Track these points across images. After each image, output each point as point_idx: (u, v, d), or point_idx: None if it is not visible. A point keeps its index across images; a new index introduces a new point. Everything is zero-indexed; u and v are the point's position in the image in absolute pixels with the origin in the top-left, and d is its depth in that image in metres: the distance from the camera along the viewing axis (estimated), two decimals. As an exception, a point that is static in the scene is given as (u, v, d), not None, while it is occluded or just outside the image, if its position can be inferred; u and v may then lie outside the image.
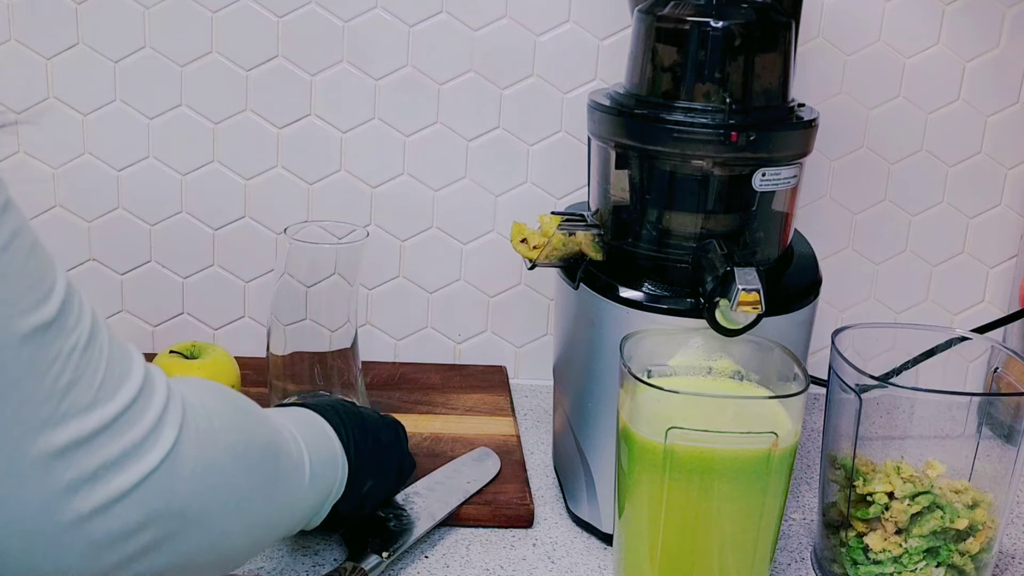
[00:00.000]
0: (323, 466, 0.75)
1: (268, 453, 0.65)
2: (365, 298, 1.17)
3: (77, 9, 1.07)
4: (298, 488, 0.70)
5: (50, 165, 1.11)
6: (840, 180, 1.15)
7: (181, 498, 0.55)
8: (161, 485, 0.54)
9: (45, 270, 0.50)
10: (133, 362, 0.55)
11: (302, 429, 0.74)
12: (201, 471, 0.56)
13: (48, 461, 0.49)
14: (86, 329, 0.52)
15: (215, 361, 1.00)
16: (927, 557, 0.81)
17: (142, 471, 0.53)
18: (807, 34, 1.10)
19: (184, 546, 0.56)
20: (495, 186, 1.14)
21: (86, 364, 0.51)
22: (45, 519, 0.49)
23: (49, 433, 0.49)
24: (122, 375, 0.53)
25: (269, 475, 0.65)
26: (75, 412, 0.50)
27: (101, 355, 0.52)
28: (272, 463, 0.66)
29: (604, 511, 0.88)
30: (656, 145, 0.83)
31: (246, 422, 0.64)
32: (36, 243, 0.51)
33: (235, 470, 0.60)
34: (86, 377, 0.51)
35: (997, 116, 1.14)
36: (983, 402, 0.86)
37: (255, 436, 0.64)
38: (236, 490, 0.60)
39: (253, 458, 0.63)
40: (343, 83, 1.10)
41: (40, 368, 0.49)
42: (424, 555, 0.87)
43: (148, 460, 0.53)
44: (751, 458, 0.75)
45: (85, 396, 0.51)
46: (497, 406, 1.09)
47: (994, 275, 1.19)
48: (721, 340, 0.81)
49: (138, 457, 0.53)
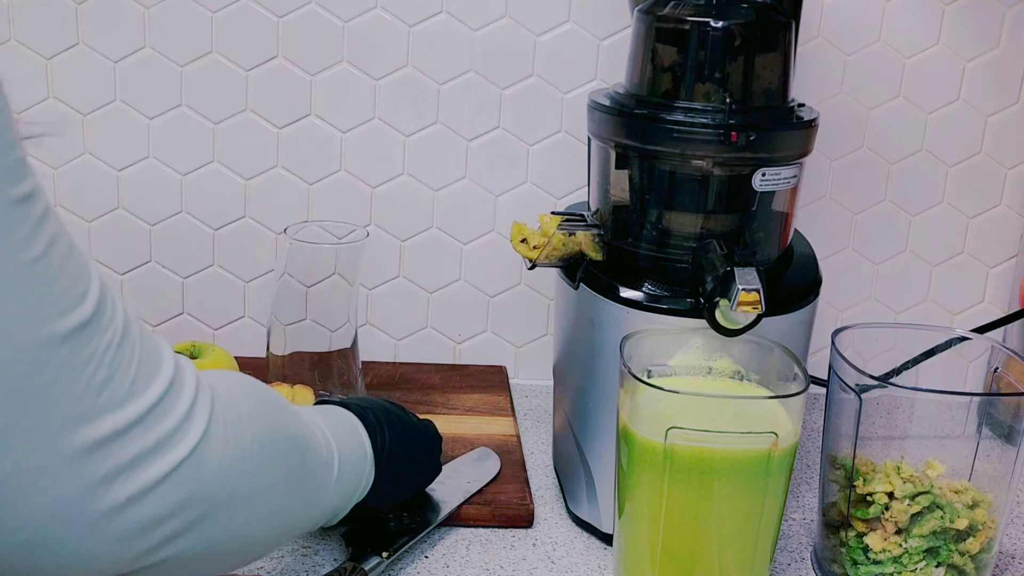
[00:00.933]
0: (351, 467, 0.75)
1: (295, 446, 0.67)
2: (365, 298, 1.17)
3: (77, 9, 1.07)
4: (324, 485, 0.72)
5: (50, 165, 1.11)
6: (840, 180, 1.15)
7: (209, 485, 0.57)
8: (191, 473, 0.55)
9: (81, 271, 0.52)
10: (164, 355, 0.56)
11: (335, 428, 0.75)
12: (229, 459, 0.58)
13: (85, 454, 0.51)
14: (119, 326, 0.53)
15: (215, 361, 1.00)
16: (927, 557, 0.81)
17: (174, 460, 0.54)
18: (807, 34, 1.10)
19: (210, 532, 0.58)
20: (495, 186, 1.14)
21: (120, 360, 0.53)
22: (82, 509, 0.51)
23: (86, 427, 0.50)
24: (154, 369, 0.55)
25: (295, 468, 0.66)
26: (111, 407, 0.52)
27: (134, 350, 0.54)
28: (299, 456, 0.67)
29: (604, 511, 0.88)
30: (656, 145, 0.83)
31: (274, 414, 0.66)
32: (72, 246, 0.52)
33: (261, 459, 0.62)
34: (120, 372, 0.52)
35: (997, 116, 1.14)
36: (983, 402, 0.86)
37: (282, 428, 0.66)
38: (261, 478, 0.62)
39: (280, 449, 0.65)
40: (343, 83, 1.10)
41: (78, 365, 0.50)
42: (424, 555, 0.87)
43: (180, 449, 0.55)
44: (751, 458, 0.75)
45: (120, 391, 0.52)
46: (497, 406, 1.09)
47: (994, 275, 1.19)
48: (721, 340, 0.81)
49: (170, 447, 0.54)
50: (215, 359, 1.00)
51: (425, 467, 0.88)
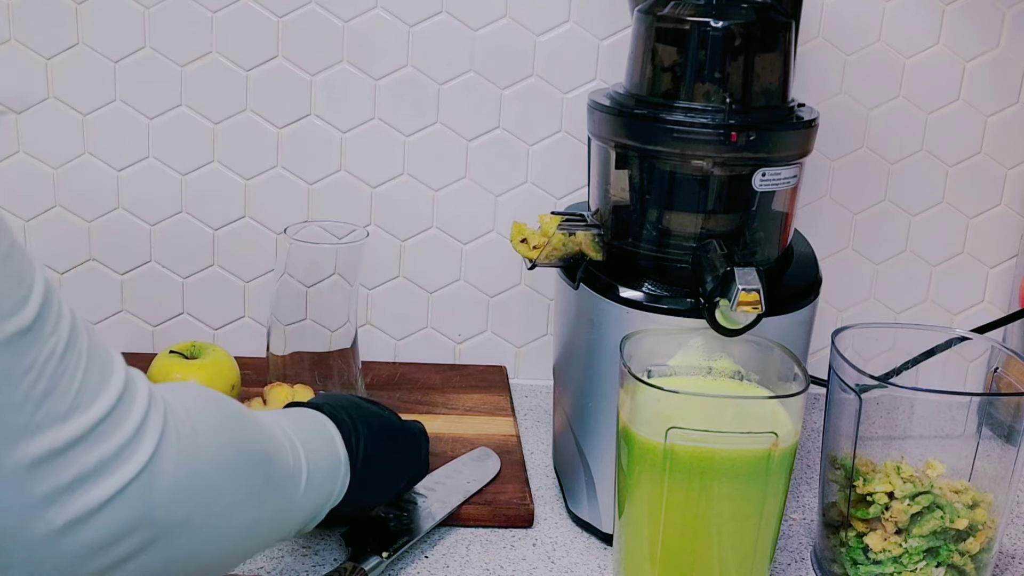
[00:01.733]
0: (322, 473, 0.73)
1: (259, 461, 0.64)
2: (365, 298, 1.17)
3: (77, 9, 1.07)
4: (292, 495, 0.69)
5: (50, 165, 1.11)
6: (840, 180, 1.15)
7: (162, 507, 0.54)
8: (139, 496, 0.52)
9: (23, 274, 0.49)
10: (114, 367, 0.53)
11: (303, 435, 0.72)
12: (183, 480, 0.55)
13: (23, 472, 0.48)
14: (64, 334, 0.50)
15: (215, 361, 1.00)
16: (927, 557, 0.81)
17: (119, 482, 0.51)
18: (807, 34, 1.10)
19: (168, 553, 0.55)
20: (495, 186, 1.14)
21: (63, 371, 0.50)
22: (24, 528, 0.48)
23: (24, 443, 0.47)
24: (101, 382, 0.52)
25: (259, 483, 0.64)
26: (51, 421, 0.48)
27: (79, 361, 0.51)
28: (263, 471, 0.64)
29: (604, 511, 0.88)
30: (656, 145, 0.83)
31: (235, 428, 0.63)
32: (14, 245, 0.49)
33: (221, 477, 0.59)
34: (63, 385, 0.49)
35: (997, 116, 1.14)
36: (983, 402, 0.86)
37: (245, 443, 0.63)
38: (221, 497, 0.59)
39: (242, 465, 0.62)
40: (343, 83, 1.10)
41: (15, 376, 0.47)
42: (424, 555, 0.87)
43: (126, 470, 0.52)
44: (751, 458, 0.75)
45: (61, 405, 0.49)
46: (497, 406, 1.09)
47: (994, 275, 1.19)
48: (721, 340, 0.81)
49: (115, 468, 0.51)
50: (215, 359, 1.00)
51: (408, 466, 0.87)
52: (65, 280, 1.14)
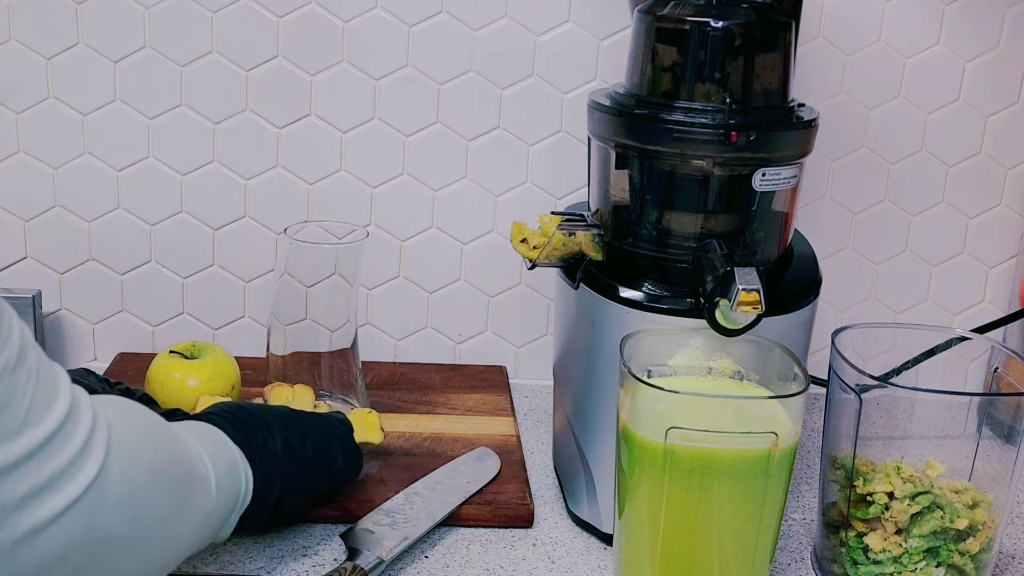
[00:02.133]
0: (227, 478, 0.72)
1: (184, 471, 0.64)
2: (365, 298, 1.17)
3: (77, 9, 1.07)
4: (208, 502, 0.69)
5: (50, 165, 1.11)
6: (840, 180, 1.15)
7: (106, 524, 0.53)
8: (87, 511, 0.52)
9: None
10: (60, 384, 0.53)
11: (204, 442, 0.72)
12: (127, 494, 0.55)
13: None
14: (15, 349, 0.50)
15: (215, 361, 1.00)
16: (927, 557, 0.81)
17: (70, 496, 0.51)
18: (807, 34, 1.10)
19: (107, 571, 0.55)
20: (495, 186, 1.14)
21: (14, 387, 0.49)
22: None
23: None
24: (50, 397, 0.51)
25: (184, 493, 0.64)
26: (3, 438, 0.48)
27: (30, 377, 0.50)
28: (188, 481, 0.64)
29: (604, 511, 0.88)
30: (656, 145, 0.83)
31: (161, 440, 0.63)
32: None
33: (158, 490, 0.59)
34: (15, 401, 0.49)
35: (997, 116, 1.14)
36: (983, 402, 0.86)
37: (173, 456, 0.63)
38: (157, 510, 0.59)
39: (173, 478, 0.62)
40: (343, 83, 1.10)
41: None
42: (424, 555, 0.87)
43: (76, 484, 0.51)
44: (751, 458, 0.75)
45: (13, 421, 0.49)
46: (497, 406, 1.09)
47: (994, 275, 1.19)
48: (721, 340, 0.81)
49: (65, 483, 0.51)
50: (215, 359, 1.00)
51: (321, 457, 0.84)
52: (65, 280, 1.14)
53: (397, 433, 1.01)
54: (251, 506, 0.76)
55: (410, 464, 0.96)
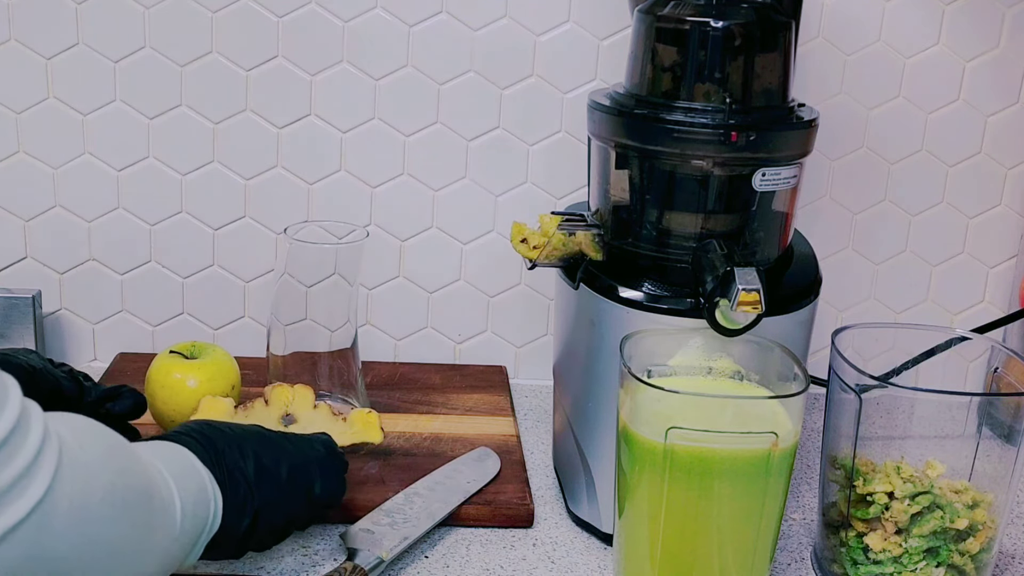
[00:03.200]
0: (194, 504, 0.69)
1: (143, 495, 0.61)
2: (365, 298, 1.17)
3: (77, 9, 1.07)
4: (171, 528, 0.66)
5: (50, 165, 1.11)
6: (840, 180, 1.15)
7: (53, 549, 0.51)
8: (30, 536, 0.49)
9: None
10: (8, 398, 0.50)
11: (169, 465, 0.68)
12: (76, 520, 0.52)
13: None
14: None
15: (215, 361, 0.99)
16: (927, 557, 0.81)
17: (10, 520, 0.48)
18: (807, 34, 1.10)
19: None
20: (495, 186, 1.14)
21: None
22: None
23: None
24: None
25: (144, 518, 0.61)
26: None
27: None
28: (147, 505, 0.61)
29: (604, 511, 0.88)
30: (656, 145, 0.83)
31: (119, 462, 0.60)
32: None
33: (112, 516, 0.56)
34: None
35: (997, 116, 1.14)
36: (983, 402, 0.86)
37: (131, 478, 0.60)
38: (112, 536, 0.56)
39: (129, 502, 0.59)
40: (343, 83, 1.10)
41: None
42: (424, 555, 0.87)
43: (18, 507, 0.49)
44: (751, 458, 0.75)
45: None
46: (497, 406, 1.09)
47: (994, 275, 1.19)
48: (721, 340, 0.81)
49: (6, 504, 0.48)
50: (215, 359, 1.00)
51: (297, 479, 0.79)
52: (65, 280, 1.14)
53: (397, 433, 1.01)
54: (220, 532, 0.73)
55: (410, 464, 0.96)
